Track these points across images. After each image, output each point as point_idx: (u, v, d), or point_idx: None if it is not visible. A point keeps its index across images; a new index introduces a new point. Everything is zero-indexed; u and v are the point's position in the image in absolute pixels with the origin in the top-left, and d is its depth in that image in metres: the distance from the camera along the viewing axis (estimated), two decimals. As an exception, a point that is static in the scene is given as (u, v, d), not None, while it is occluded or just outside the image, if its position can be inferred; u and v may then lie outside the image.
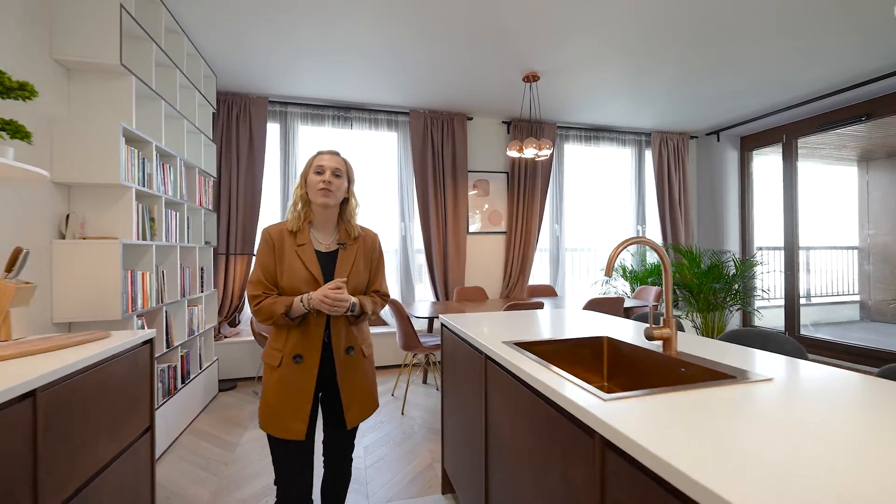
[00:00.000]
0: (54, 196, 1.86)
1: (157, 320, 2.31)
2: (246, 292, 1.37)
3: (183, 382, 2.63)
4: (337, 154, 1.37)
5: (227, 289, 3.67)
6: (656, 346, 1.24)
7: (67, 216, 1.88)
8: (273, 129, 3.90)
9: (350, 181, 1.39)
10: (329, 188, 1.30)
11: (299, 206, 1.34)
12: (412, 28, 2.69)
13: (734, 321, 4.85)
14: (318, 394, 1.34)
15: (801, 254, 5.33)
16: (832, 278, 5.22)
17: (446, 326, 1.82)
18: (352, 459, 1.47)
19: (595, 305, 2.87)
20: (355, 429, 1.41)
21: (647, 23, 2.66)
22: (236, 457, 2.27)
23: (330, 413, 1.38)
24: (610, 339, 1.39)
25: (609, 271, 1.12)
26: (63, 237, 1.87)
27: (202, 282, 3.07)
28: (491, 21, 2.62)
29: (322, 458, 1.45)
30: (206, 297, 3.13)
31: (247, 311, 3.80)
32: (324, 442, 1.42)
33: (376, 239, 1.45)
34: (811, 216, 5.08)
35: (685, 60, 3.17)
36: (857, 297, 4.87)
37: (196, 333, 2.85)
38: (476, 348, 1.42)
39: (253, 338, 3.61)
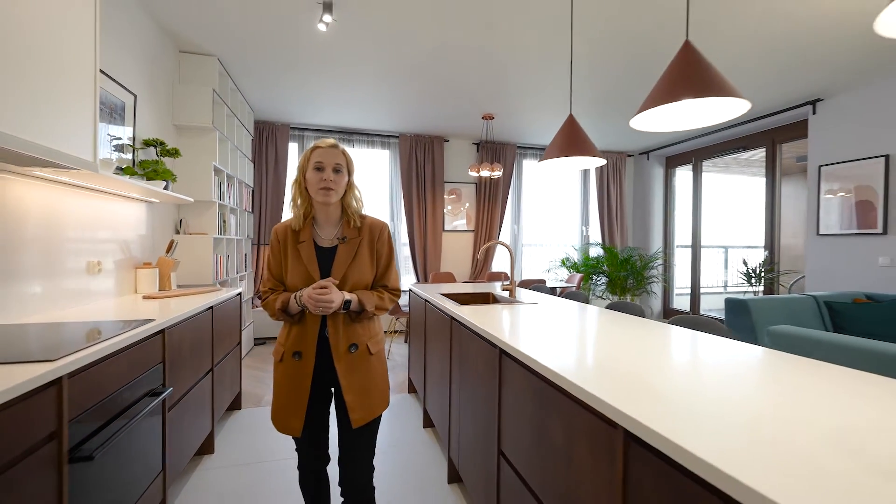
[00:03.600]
0: (172, 209, 3.03)
1: (226, 286, 3.49)
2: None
3: (237, 332, 3.81)
4: (335, 146, 1.28)
5: (258, 270, 4.85)
6: (507, 294, 2.44)
7: (181, 220, 3.06)
8: (293, 148, 5.06)
9: (350, 173, 1.31)
10: (330, 186, 1.24)
11: (298, 201, 1.31)
12: (401, 83, 3.85)
13: (657, 304, 6.08)
14: (330, 390, 1.33)
15: (720, 251, 6.57)
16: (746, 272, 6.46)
17: (412, 291, 3.01)
18: (373, 470, 1.33)
19: (524, 284, 4.07)
20: (370, 432, 1.31)
21: (577, 81, 3.78)
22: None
23: (339, 417, 1.31)
24: (492, 293, 2.60)
25: (479, 265, 2.30)
26: (178, 233, 3.05)
27: (245, 264, 4.25)
28: (454, 82, 3.78)
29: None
30: (248, 275, 4.32)
31: (272, 287, 4.97)
32: (339, 456, 1.32)
33: (384, 229, 1.37)
34: (732, 220, 6.30)
35: (614, 105, 4.32)
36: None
37: (243, 300, 4.03)
38: (422, 297, 2.62)
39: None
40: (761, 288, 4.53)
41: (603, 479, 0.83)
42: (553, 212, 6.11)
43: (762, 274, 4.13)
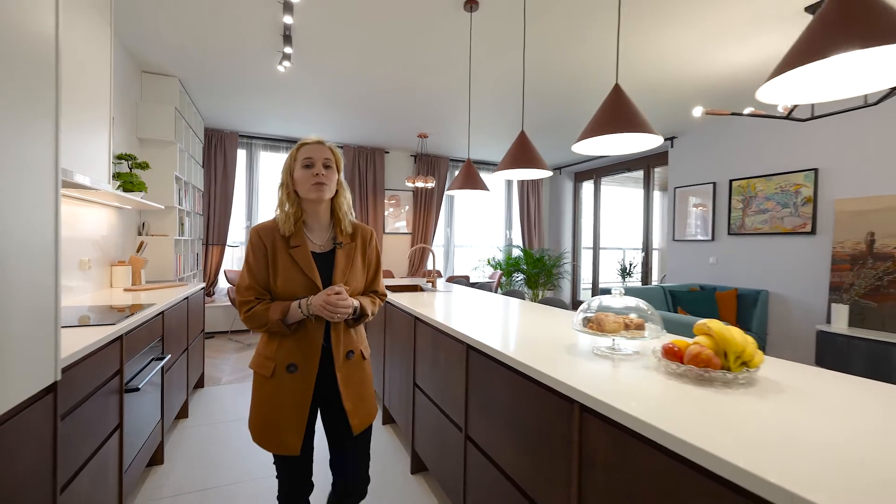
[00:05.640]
0: (136, 213, 3.37)
1: (183, 283, 3.85)
2: (235, 297, 1.21)
3: (191, 325, 4.17)
4: (323, 143, 1.22)
5: (207, 269, 5.15)
6: (430, 285, 3.16)
7: (143, 223, 3.41)
8: (241, 155, 5.40)
9: (339, 171, 1.25)
10: (323, 181, 1.18)
11: (286, 206, 1.22)
12: (347, 108, 4.43)
13: (567, 296, 7.19)
14: (315, 406, 1.23)
15: (619, 252, 7.84)
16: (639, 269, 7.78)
17: (355, 285, 3.64)
18: (369, 478, 1.32)
19: (452, 279, 4.85)
20: (367, 439, 1.30)
21: (499, 113, 4.62)
22: (228, 364, 3.92)
23: (333, 425, 1.28)
24: (419, 285, 3.32)
25: (416, 263, 3.00)
26: (140, 234, 3.40)
27: (196, 262, 4.58)
28: (393, 110, 4.45)
29: (332, 478, 1.31)
30: (198, 273, 4.64)
31: (221, 284, 5.29)
32: (332, 459, 1.30)
33: (373, 234, 1.36)
34: (626, 226, 7.57)
35: (529, 131, 5.23)
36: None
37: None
38: (364, 289, 3.27)
39: (228, 303, 5.13)
40: (639, 282, 5.71)
41: (459, 375, 1.56)
42: (482, 217, 6.98)
43: (630, 271, 5.27)
